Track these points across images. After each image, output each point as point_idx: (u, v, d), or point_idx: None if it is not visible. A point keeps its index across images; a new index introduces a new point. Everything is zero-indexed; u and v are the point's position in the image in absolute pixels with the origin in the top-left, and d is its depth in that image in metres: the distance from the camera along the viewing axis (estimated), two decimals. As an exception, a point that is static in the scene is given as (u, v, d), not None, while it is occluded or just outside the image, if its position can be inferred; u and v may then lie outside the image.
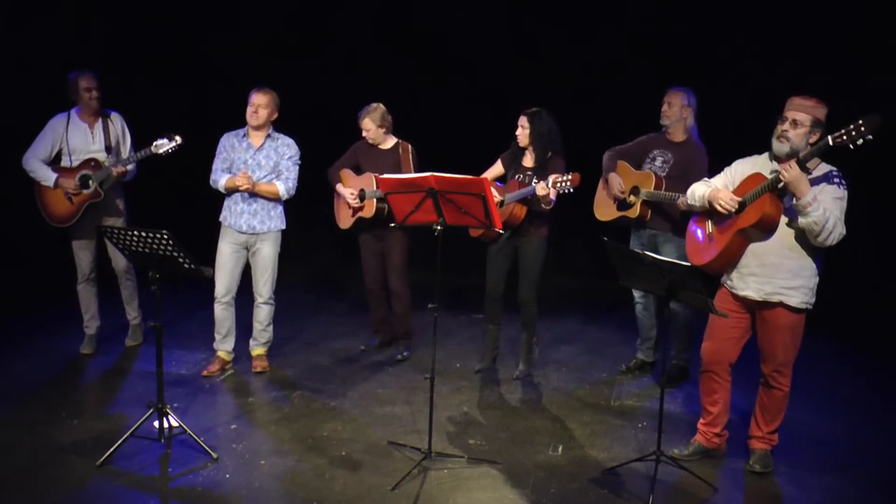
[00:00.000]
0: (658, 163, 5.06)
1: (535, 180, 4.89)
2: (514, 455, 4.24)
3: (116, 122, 5.41)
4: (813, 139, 3.75)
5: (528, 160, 5.12)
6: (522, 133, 5.06)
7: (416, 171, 5.16)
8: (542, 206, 4.87)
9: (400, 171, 5.23)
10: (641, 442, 4.41)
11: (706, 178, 4.20)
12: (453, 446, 4.31)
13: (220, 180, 5.14)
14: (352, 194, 5.39)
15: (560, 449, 4.33)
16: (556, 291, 7.38)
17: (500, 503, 3.78)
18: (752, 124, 4.44)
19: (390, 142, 5.46)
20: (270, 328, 5.41)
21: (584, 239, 5.44)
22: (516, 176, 5.10)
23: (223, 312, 5.26)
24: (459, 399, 4.99)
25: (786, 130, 3.78)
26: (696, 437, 4.27)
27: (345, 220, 5.58)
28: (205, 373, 5.26)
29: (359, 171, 5.49)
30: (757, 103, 5.32)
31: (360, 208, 5.41)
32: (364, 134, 5.42)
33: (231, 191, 5.13)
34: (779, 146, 3.81)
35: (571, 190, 4.69)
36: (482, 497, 3.82)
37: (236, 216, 5.15)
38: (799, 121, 3.76)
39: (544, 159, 5.04)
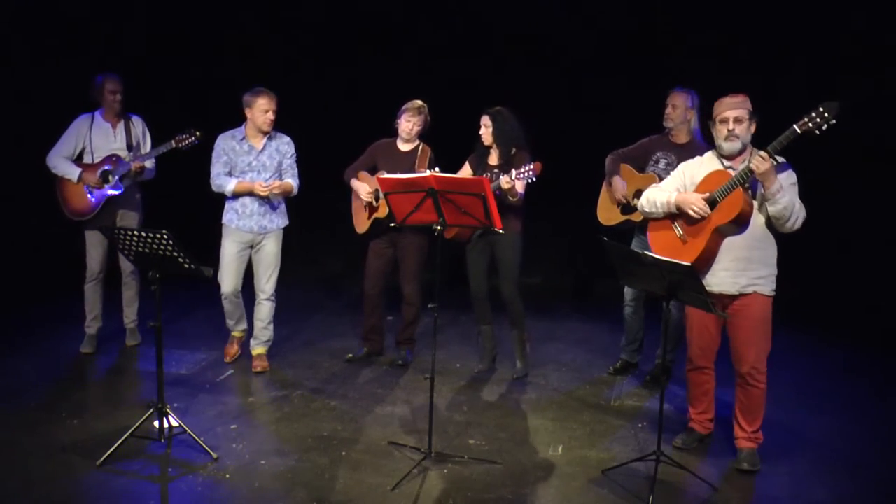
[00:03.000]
0: (662, 165, 5.06)
1: (500, 176, 4.95)
2: (514, 455, 4.24)
3: (138, 125, 5.52)
4: (752, 130, 3.96)
5: (494, 158, 5.21)
6: (486, 132, 5.14)
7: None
8: (510, 198, 4.94)
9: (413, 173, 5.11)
10: (641, 442, 4.41)
11: (656, 184, 4.29)
12: (453, 446, 4.31)
13: (228, 185, 5.12)
14: (368, 192, 5.28)
15: (560, 449, 4.33)
16: (555, 291, 7.39)
17: (499, 503, 3.78)
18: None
19: (413, 143, 5.34)
20: (271, 327, 5.43)
21: (585, 239, 5.43)
22: (484, 175, 5.15)
23: (231, 305, 5.37)
24: (459, 399, 4.99)
25: (732, 130, 3.93)
26: (691, 424, 4.35)
27: (361, 224, 5.44)
28: (228, 358, 5.48)
29: (375, 172, 5.29)
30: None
31: (375, 209, 5.29)
32: (410, 129, 5.24)
33: (241, 195, 5.15)
34: (731, 145, 3.95)
35: (534, 179, 4.76)
36: (482, 497, 3.82)
37: (245, 218, 5.19)
38: (740, 117, 3.93)
39: (509, 155, 5.11)
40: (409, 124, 5.24)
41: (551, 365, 5.62)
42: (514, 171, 4.82)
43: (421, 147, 5.33)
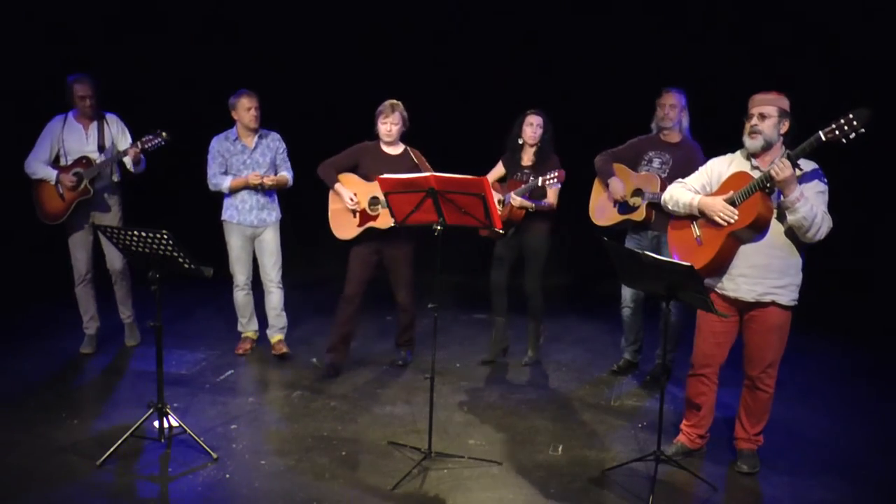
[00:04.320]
0: (656, 164, 5.05)
1: (531, 178, 5.12)
2: (514, 455, 4.24)
3: (113, 124, 5.44)
4: (783, 129, 3.80)
5: (527, 159, 5.29)
6: (537, 132, 5.22)
7: None
8: (538, 206, 5.14)
9: None
10: (641, 442, 4.41)
11: (681, 180, 4.16)
12: (453, 446, 4.31)
13: (224, 183, 5.35)
14: (351, 199, 5.04)
15: (560, 449, 4.33)
16: (556, 291, 7.38)
17: (500, 503, 3.78)
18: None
19: (399, 146, 5.18)
20: (284, 314, 5.65)
21: (585, 238, 5.44)
22: (515, 174, 5.29)
23: (245, 298, 5.62)
24: (459, 399, 4.99)
25: (756, 125, 3.80)
26: (679, 437, 4.28)
27: (348, 229, 5.14)
28: (239, 351, 5.64)
29: (360, 176, 5.11)
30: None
31: (373, 217, 5.06)
32: (389, 130, 5.04)
33: (237, 190, 5.35)
34: (752, 142, 3.83)
35: (559, 185, 4.98)
36: (482, 497, 3.82)
37: (245, 213, 5.41)
38: (766, 113, 3.79)
39: (543, 159, 5.21)
40: (385, 126, 5.06)
41: (551, 365, 5.62)
42: (540, 178, 5.01)
43: (412, 151, 5.16)
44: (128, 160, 5.29)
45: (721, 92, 5.46)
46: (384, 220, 5.00)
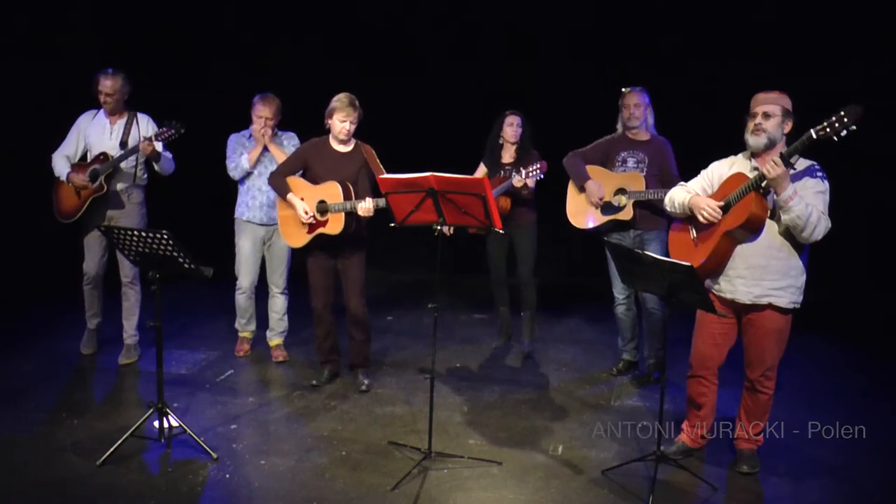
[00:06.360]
0: (631, 163, 5.02)
1: (513, 173, 5.24)
2: (514, 455, 4.24)
3: (142, 123, 5.29)
4: (786, 129, 3.79)
5: (507, 157, 5.48)
6: (517, 132, 5.38)
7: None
8: (523, 193, 5.30)
9: (365, 177, 4.88)
10: (641, 442, 4.41)
11: (683, 183, 4.17)
12: (453, 446, 4.31)
13: (242, 159, 5.31)
14: (305, 212, 4.80)
15: (560, 449, 4.33)
16: (555, 291, 7.39)
17: (500, 503, 3.78)
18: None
19: (351, 143, 4.92)
20: (286, 318, 5.63)
21: (584, 239, 5.44)
22: (499, 172, 5.44)
23: (246, 301, 5.57)
24: (459, 399, 4.99)
25: (759, 123, 3.79)
26: (681, 436, 4.28)
27: (298, 237, 4.92)
28: (240, 353, 5.64)
29: (309, 178, 4.91)
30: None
31: (323, 223, 4.82)
32: (348, 130, 4.79)
33: (254, 166, 5.31)
34: (756, 140, 3.81)
35: (542, 176, 5.07)
36: (482, 497, 3.82)
37: (255, 210, 5.39)
38: (769, 112, 3.78)
39: (524, 155, 5.35)
40: (344, 125, 4.77)
41: (551, 365, 5.62)
42: (523, 171, 5.08)
43: (363, 147, 4.92)
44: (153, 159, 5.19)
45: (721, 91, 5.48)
46: (333, 226, 4.78)
